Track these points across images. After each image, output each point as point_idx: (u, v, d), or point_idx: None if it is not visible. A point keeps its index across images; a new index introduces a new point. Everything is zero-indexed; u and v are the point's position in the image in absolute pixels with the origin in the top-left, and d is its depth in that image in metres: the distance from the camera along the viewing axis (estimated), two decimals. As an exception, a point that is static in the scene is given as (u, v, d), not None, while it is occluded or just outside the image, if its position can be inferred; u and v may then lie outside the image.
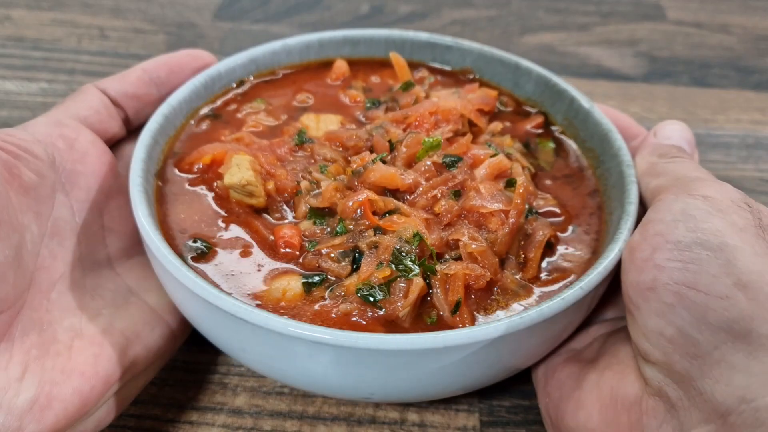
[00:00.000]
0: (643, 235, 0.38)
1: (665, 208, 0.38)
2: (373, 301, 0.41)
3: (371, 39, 0.63)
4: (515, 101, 0.61)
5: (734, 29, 1.02)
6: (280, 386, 0.51)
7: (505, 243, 0.45)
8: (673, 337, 0.35)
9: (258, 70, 0.61)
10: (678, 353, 0.35)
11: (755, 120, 0.83)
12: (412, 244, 0.43)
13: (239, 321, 0.38)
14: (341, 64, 0.62)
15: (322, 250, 0.45)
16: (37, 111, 0.78)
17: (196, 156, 0.51)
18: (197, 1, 1.01)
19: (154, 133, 0.50)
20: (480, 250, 0.43)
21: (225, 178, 0.48)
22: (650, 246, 0.37)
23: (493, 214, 0.45)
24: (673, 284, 0.35)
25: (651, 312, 0.36)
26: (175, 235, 0.46)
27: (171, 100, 0.53)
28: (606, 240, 0.47)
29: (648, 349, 0.37)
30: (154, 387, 0.51)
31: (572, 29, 0.99)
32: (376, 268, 0.42)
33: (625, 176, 0.48)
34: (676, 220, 0.37)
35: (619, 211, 0.47)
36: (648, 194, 0.45)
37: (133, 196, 0.45)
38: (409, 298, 0.41)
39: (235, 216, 0.48)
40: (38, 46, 0.89)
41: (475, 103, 0.56)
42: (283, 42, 0.61)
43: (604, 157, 0.53)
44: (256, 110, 0.58)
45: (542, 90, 0.60)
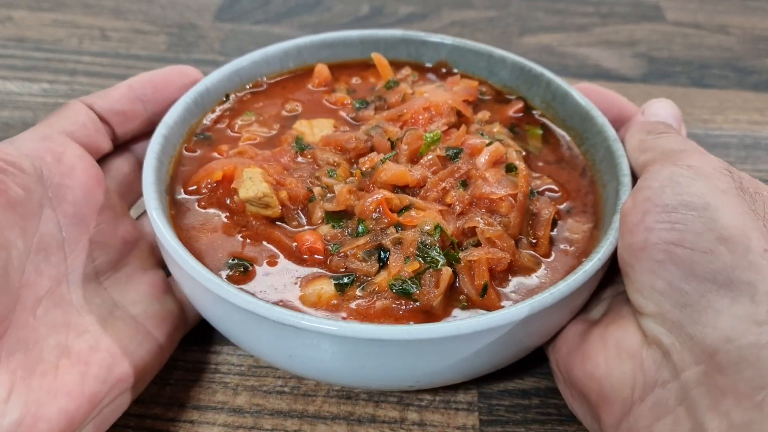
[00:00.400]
0: (634, 202, 0.42)
1: (653, 176, 0.42)
2: (408, 293, 0.43)
3: (346, 41, 0.64)
4: (493, 89, 0.63)
5: (733, 30, 1.02)
6: (280, 385, 0.52)
7: (517, 225, 0.48)
8: (664, 290, 0.39)
9: (242, 83, 0.61)
10: (669, 304, 0.38)
11: (754, 120, 0.83)
12: (434, 235, 0.45)
13: (295, 330, 0.39)
14: (322, 69, 0.63)
15: (347, 252, 0.46)
16: (39, 111, 0.78)
17: (204, 174, 0.51)
18: (198, 2, 1.01)
19: (159, 155, 0.50)
20: (497, 234, 0.46)
21: (240, 192, 0.48)
22: (640, 211, 0.40)
23: (503, 198, 0.48)
24: (662, 243, 0.38)
25: (643, 270, 0.40)
26: (206, 256, 0.47)
27: (167, 120, 0.52)
28: (605, 211, 0.50)
29: (642, 303, 0.40)
30: (155, 386, 0.51)
31: (571, 30, 1.00)
32: (404, 263, 0.44)
33: (614, 150, 0.51)
34: (663, 186, 0.40)
35: (614, 183, 0.50)
36: (638, 168, 0.48)
37: (157, 222, 0.44)
38: (440, 288, 0.43)
39: (253, 229, 0.49)
40: (39, 46, 0.89)
41: (461, 95, 0.57)
42: (263, 51, 0.61)
43: (587, 134, 0.56)
44: (248, 122, 0.58)
45: (518, 76, 0.62)
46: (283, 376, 0.52)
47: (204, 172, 0.51)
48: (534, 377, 0.53)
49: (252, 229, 0.49)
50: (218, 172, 0.50)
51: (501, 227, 0.47)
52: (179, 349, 0.53)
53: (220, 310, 0.43)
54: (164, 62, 0.88)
